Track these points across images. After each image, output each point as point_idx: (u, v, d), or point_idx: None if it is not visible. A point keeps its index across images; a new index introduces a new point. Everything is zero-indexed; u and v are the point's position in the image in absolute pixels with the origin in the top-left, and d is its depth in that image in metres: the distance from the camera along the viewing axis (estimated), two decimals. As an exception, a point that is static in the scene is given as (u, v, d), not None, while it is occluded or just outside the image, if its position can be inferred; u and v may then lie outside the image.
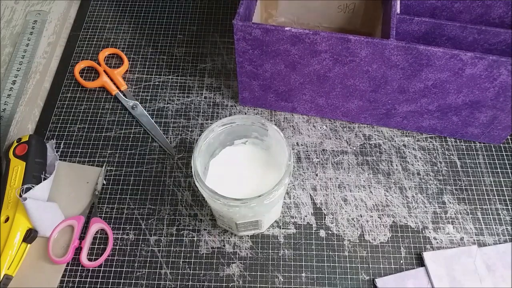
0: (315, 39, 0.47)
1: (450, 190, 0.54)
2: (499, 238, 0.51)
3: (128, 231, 0.51)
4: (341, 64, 0.49)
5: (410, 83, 0.50)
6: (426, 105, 0.53)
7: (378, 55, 0.47)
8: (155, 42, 0.67)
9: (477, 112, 0.52)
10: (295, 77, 0.53)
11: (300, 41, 0.48)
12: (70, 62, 0.65)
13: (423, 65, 0.47)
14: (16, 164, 0.51)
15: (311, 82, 0.53)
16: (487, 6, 0.52)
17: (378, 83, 0.51)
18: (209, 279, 0.49)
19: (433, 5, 0.54)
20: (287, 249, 0.50)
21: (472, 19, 0.54)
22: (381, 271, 0.49)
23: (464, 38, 0.51)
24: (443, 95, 0.51)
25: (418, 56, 0.46)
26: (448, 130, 0.56)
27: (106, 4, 0.71)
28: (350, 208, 0.53)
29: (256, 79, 0.55)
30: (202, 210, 0.53)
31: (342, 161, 0.56)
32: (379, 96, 0.53)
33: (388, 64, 0.48)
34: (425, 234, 0.51)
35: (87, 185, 0.54)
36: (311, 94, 0.55)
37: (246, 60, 0.52)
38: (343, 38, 0.46)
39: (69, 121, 0.59)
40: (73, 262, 0.49)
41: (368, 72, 0.50)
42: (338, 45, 0.47)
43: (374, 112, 0.56)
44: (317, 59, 0.49)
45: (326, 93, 0.54)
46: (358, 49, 0.47)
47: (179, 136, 0.58)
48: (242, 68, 0.54)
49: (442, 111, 0.53)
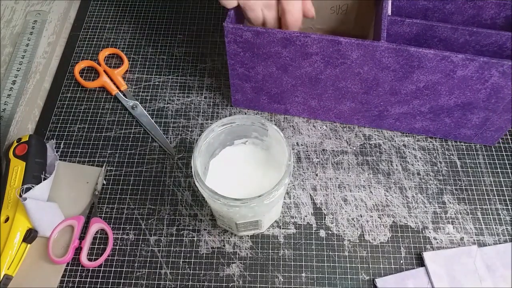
0: (306, 41, 0.47)
1: (450, 190, 0.54)
2: (499, 238, 0.51)
3: (128, 231, 0.51)
4: (332, 66, 0.49)
5: (401, 85, 0.50)
6: (418, 106, 0.53)
7: (369, 57, 0.47)
8: (155, 42, 0.67)
9: (469, 113, 0.52)
10: (287, 79, 0.53)
11: (291, 43, 0.48)
12: (70, 62, 0.65)
13: (414, 67, 0.47)
14: (16, 164, 0.51)
15: (303, 84, 0.53)
16: (479, 7, 0.52)
17: (370, 85, 0.51)
18: (209, 279, 0.49)
19: (425, 6, 0.54)
20: (287, 249, 0.50)
21: (464, 20, 0.54)
22: (381, 271, 0.49)
23: (456, 40, 0.51)
24: (435, 97, 0.51)
25: (409, 58, 0.46)
26: (441, 131, 0.56)
27: (106, 4, 0.71)
28: (350, 208, 0.53)
29: (248, 81, 0.55)
30: (202, 210, 0.53)
31: (342, 161, 0.56)
32: (371, 98, 0.53)
33: (380, 66, 0.48)
34: (425, 234, 0.51)
35: (87, 185, 0.54)
36: (303, 96, 0.55)
37: (238, 63, 0.52)
38: (333, 40, 0.46)
39: (69, 121, 0.59)
40: (73, 262, 0.49)
41: (360, 74, 0.50)
42: (329, 47, 0.47)
43: (366, 114, 0.56)
44: (308, 61, 0.49)
45: (318, 95, 0.54)
46: (349, 51, 0.47)
47: (179, 136, 0.58)
48: (234, 71, 0.54)
49: (435, 113, 0.53)
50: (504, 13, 0.52)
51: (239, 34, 0.48)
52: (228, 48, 0.50)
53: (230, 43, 0.49)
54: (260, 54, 0.50)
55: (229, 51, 0.51)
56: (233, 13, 0.49)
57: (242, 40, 0.49)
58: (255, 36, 0.48)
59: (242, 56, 0.51)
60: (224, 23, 0.47)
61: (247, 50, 0.50)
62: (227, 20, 0.48)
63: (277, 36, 0.47)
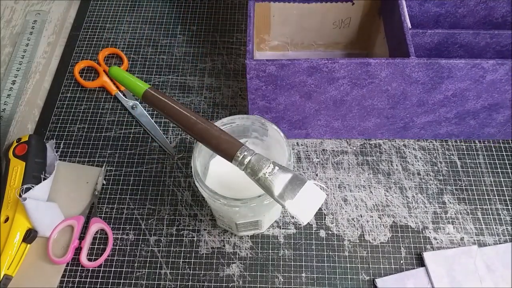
0: (333, 67, 0.45)
1: (450, 190, 0.54)
2: (499, 238, 0.51)
3: (128, 231, 0.51)
4: (359, 87, 0.48)
5: (429, 96, 0.49)
6: (445, 113, 0.52)
7: (398, 74, 0.46)
8: (155, 42, 0.67)
9: (495, 113, 0.52)
10: (310, 105, 0.51)
11: (317, 71, 0.46)
12: (70, 62, 0.65)
13: (444, 78, 0.47)
14: (16, 164, 0.51)
15: (327, 108, 0.51)
16: (490, 8, 0.52)
17: (397, 99, 0.50)
18: (209, 279, 0.49)
19: (437, 13, 0.53)
20: (287, 249, 0.50)
21: (476, 22, 0.54)
22: (381, 271, 0.49)
23: (477, 44, 0.51)
24: (462, 103, 0.50)
25: (439, 70, 0.46)
26: (465, 133, 0.56)
27: (106, 4, 0.71)
28: (350, 208, 0.53)
29: (269, 112, 0.52)
30: (202, 210, 0.53)
31: (342, 161, 0.56)
32: (397, 112, 0.52)
33: (409, 81, 0.47)
34: (425, 234, 0.51)
35: (87, 185, 0.54)
36: (326, 119, 0.53)
37: (259, 97, 0.50)
38: (363, 62, 0.45)
39: (69, 121, 0.59)
40: (73, 262, 0.49)
41: (388, 91, 0.49)
42: (357, 69, 0.46)
43: (391, 127, 0.55)
44: (334, 85, 0.48)
45: (342, 116, 0.53)
46: (378, 71, 0.46)
47: (179, 136, 0.58)
48: (254, 104, 0.51)
49: (460, 117, 0.53)
50: None
51: (263, 69, 0.46)
52: (250, 84, 0.48)
53: (252, 79, 0.47)
54: (284, 85, 0.48)
55: (250, 87, 0.48)
56: (251, 47, 0.46)
57: (265, 75, 0.47)
58: (279, 69, 0.46)
59: (264, 90, 0.49)
60: (246, 60, 0.45)
61: (270, 83, 0.48)
62: (248, 57, 0.45)
63: (302, 66, 0.45)
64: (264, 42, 0.63)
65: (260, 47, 0.64)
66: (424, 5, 0.53)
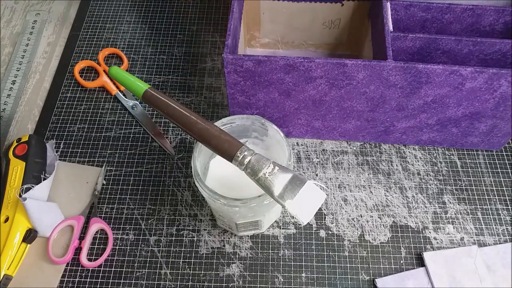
0: (310, 66, 0.46)
1: (450, 190, 0.54)
2: (499, 238, 0.51)
3: (128, 231, 0.51)
4: (337, 88, 0.48)
5: (409, 101, 0.49)
6: (426, 119, 0.52)
7: (375, 77, 0.46)
8: (155, 42, 0.67)
9: (477, 122, 0.52)
10: (289, 104, 0.51)
11: (294, 69, 0.46)
12: (70, 62, 0.65)
13: (422, 83, 0.47)
14: (16, 164, 0.51)
15: (307, 107, 0.52)
16: (478, 15, 0.51)
17: (376, 103, 0.50)
18: (209, 279, 0.49)
19: (423, 18, 0.53)
20: (287, 249, 0.50)
21: (463, 29, 0.53)
22: (381, 271, 0.49)
23: (459, 51, 0.51)
24: (442, 110, 0.50)
25: (417, 74, 0.45)
26: (447, 141, 0.56)
27: (106, 4, 0.71)
28: (350, 208, 0.53)
29: (249, 108, 0.53)
30: (202, 210, 0.53)
31: (342, 161, 0.56)
32: (377, 115, 0.52)
33: (386, 84, 0.47)
34: (425, 234, 0.51)
35: (87, 185, 0.54)
36: (306, 118, 0.54)
37: (238, 92, 0.50)
38: (339, 63, 0.45)
39: (69, 121, 0.59)
40: (73, 262, 0.49)
41: (366, 93, 0.49)
42: (334, 70, 0.46)
43: (372, 130, 0.55)
44: (312, 85, 0.48)
45: (322, 116, 0.53)
46: (355, 73, 0.46)
47: (179, 136, 0.58)
48: (234, 99, 0.52)
49: (442, 124, 0.53)
50: (503, 19, 0.51)
51: (240, 64, 0.46)
52: (228, 78, 0.48)
53: (230, 73, 0.47)
54: (262, 82, 0.48)
55: (229, 81, 0.49)
56: (230, 42, 0.47)
57: (243, 70, 0.47)
58: (256, 65, 0.46)
59: (242, 85, 0.49)
60: (223, 54, 0.45)
61: (248, 79, 0.48)
62: (225, 51, 0.45)
63: (279, 63, 0.45)
64: (255, 39, 0.63)
65: (251, 43, 0.64)
66: (410, 9, 0.52)
